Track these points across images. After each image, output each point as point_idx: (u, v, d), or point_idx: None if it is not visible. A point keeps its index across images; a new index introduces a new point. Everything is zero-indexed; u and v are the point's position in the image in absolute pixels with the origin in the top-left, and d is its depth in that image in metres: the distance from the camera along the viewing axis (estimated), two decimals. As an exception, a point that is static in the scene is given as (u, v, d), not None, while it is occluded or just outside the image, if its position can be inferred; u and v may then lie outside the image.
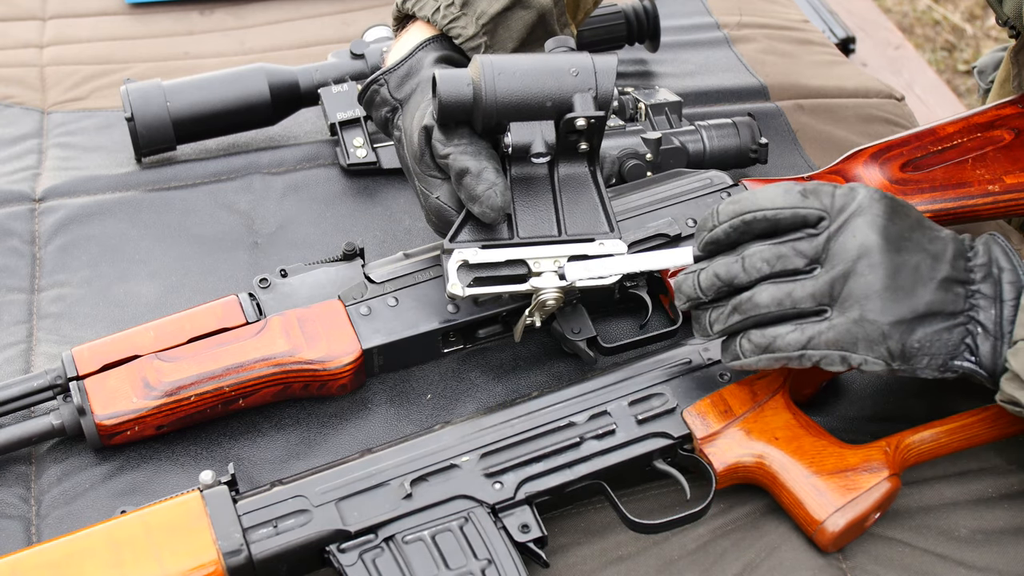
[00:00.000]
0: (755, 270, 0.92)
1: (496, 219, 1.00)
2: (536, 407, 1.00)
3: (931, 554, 0.98)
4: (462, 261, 1.02)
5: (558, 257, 1.02)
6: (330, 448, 1.07)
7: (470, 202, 1.00)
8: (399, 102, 1.09)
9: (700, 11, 1.67)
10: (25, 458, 1.06)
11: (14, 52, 1.58)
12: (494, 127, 1.01)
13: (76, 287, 1.22)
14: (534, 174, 1.04)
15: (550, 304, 1.03)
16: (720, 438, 1.00)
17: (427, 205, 1.06)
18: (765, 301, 0.91)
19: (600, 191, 1.05)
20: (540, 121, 1.00)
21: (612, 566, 0.97)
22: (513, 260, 1.03)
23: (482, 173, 0.99)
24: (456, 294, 1.02)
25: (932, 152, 1.19)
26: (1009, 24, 1.25)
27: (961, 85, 3.00)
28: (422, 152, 1.04)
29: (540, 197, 1.04)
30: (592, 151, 1.04)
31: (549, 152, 1.00)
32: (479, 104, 0.99)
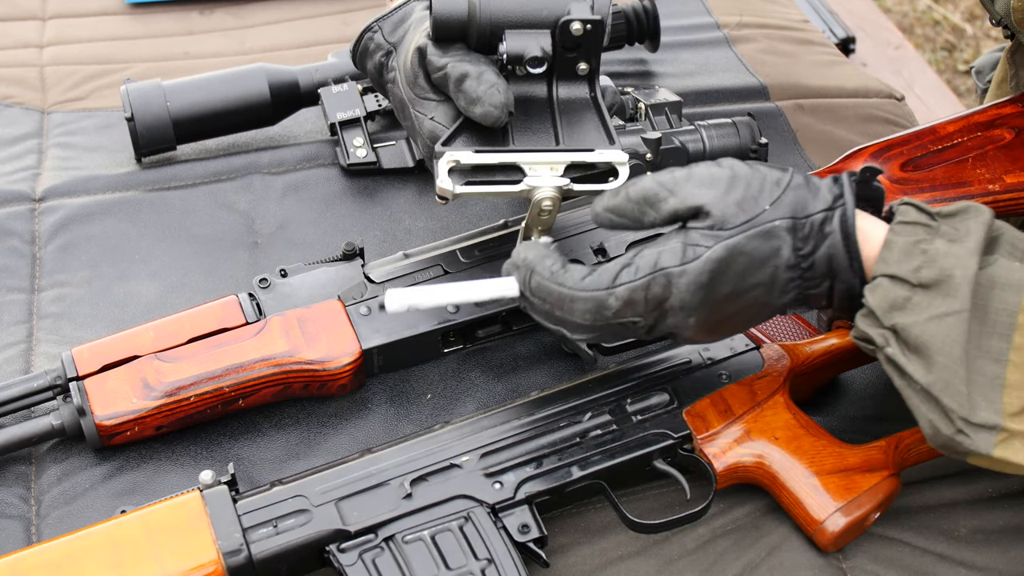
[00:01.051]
0: (579, 340, 0.94)
1: (499, 118, 0.98)
2: (536, 407, 1.00)
3: (931, 554, 0.98)
4: (454, 162, 0.98)
5: (555, 163, 0.99)
6: (330, 448, 1.07)
7: (471, 105, 0.98)
8: (393, 45, 1.09)
9: (700, 11, 1.67)
10: (25, 458, 1.06)
11: (14, 52, 1.58)
12: (489, 40, 0.99)
13: (76, 287, 1.22)
14: (533, 94, 1.02)
15: (546, 207, 1.00)
16: (720, 438, 1.00)
17: (422, 131, 1.03)
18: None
19: (601, 114, 1.03)
20: (536, 30, 0.98)
21: (612, 566, 0.97)
22: (508, 165, 1.00)
23: (482, 75, 0.98)
24: (446, 188, 0.98)
25: (932, 151, 1.19)
26: (1003, 24, 1.25)
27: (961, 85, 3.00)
28: (415, 74, 1.03)
29: (538, 117, 1.02)
30: (592, 73, 1.02)
31: (545, 59, 0.98)
32: (473, 17, 0.98)
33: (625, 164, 0.99)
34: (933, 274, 0.83)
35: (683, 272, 0.87)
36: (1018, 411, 0.82)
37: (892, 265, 0.85)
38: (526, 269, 0.92)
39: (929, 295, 0.83)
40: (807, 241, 0.87)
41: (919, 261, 0.84)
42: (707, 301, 0.88)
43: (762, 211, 0.87)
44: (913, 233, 0.86)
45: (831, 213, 0.88)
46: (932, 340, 0.82)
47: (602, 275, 0.89)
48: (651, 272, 0.87)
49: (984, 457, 0.83)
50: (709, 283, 0.87)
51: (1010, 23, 1.22)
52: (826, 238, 0.87)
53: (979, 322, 0.83)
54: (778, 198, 0.88)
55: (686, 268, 0.87)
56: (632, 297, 0.88)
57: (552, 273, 0.90)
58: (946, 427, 0.83)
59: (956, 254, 0.84)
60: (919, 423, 0.86)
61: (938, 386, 0.82)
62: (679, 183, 0.89)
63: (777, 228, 0.87)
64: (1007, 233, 0.87)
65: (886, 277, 0.85)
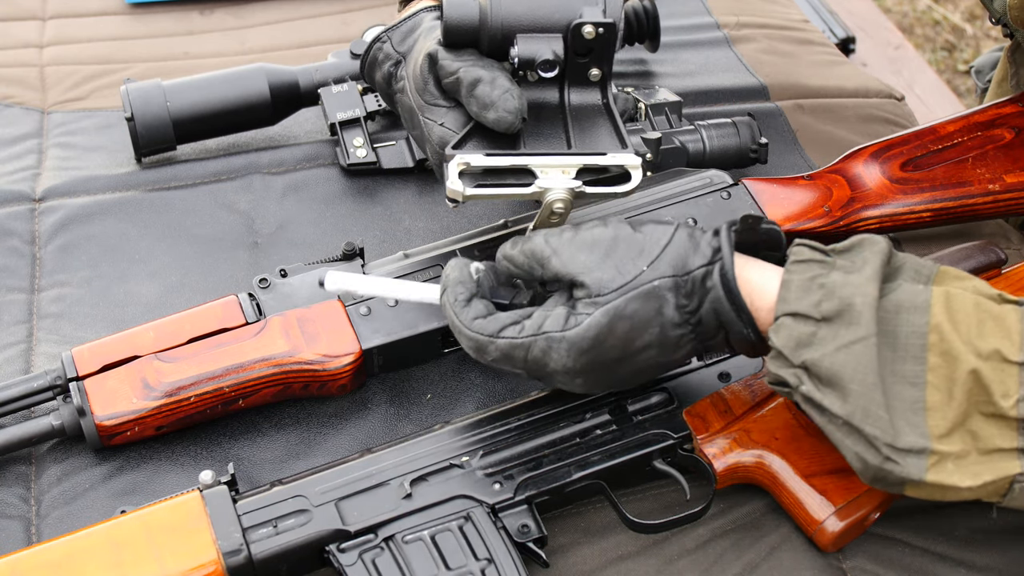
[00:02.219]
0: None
1: (513, 123, 0.97)
2: (536, 407, 1.00)
3: (931, 554, 0.98)
4: (464, 164, 0.98)
5: (566, 167, 0.98)
6: (330, 448, 1.07)
7: (484, 110, 0.97)
8: (402, 55, 1.09)
9: (700, 11, 1.66)
10: (25, 458, 1.06)
11: (14, 52, 1.58)
12: (500, 45, 0.99)
13: (76, 287, 1.22)
14: (544, 99, 1.02)
15: (559, 209, 0.99)
16: (720, 438, 1.00)
17: (431, 137, 1.03)
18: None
19: (614, 118, 1.02)
20: (548, 35, 0.98)
21: (612, 566, 0.97)
22: (519, 168, 0.99)
23: (496, 80, 0.98)
24: (456, 190, 0.97)
25: (932, 151, 1.19)
26: (1002, 22, 1.25)
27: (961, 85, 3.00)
28: (425, 80, 1.03)
29: (549, 122, 1.02)
30: (604, 78, 1.01)
31: (557, 62, 0.98)
32: (485, 22, 0.98)
33: (638, 167, 0.99)
34: (834, 306, 0.83)
35: (563, 339, 0.89)
36: (945, 432, 0.81)
37: (792, 303, 0.84)
38: (442, 286, 0.95)
39: (833, 327, 0.82)
40: (691, 298, 0.88)
41: (818, 296, 0.84)
42: (592, 366, 0.90)
43: (640, 272, 0.88)
44: (808, 270, 0.85)
45: (711, 267, 0.88)
46: (843, 370, 0.81)
47: (491, 323, 0.92)
48: (533, 335, 0.90)
49: (919, 485, 0.82)
50: (591, 349, 0.88)
51: (1008, 21, 1.22)
52: (708, 292, 0.88)
53: (890, 348, 0.82)
54: (657, 256, 0.89)
55: (566, 335, 0.89)
56: (511, 352, 0.91)
57: (455, 300, 0.94)
58: (873, 457, 0.82)
59: (854, 283, 0.83)
60: (848, 461, 0.84)
61: (857, 415, 0.81)
62: (563, 245, 0.92)
63: (658, 288, 0.88)
64: (909, 261, 0.86)
65: (788, 316, 0.84)
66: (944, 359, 0.81)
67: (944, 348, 0.81)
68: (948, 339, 0.81)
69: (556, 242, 0.92)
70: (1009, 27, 1.27)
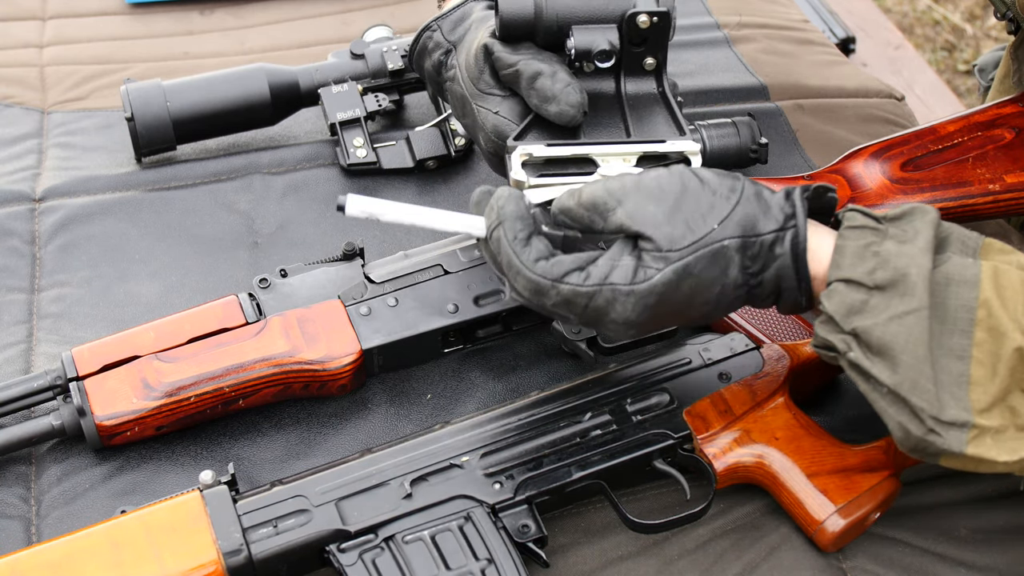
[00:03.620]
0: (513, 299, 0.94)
1: (575, 117, 0.97)
2: (536, 407, 1.00)
3: (931, 554, 0.98)
4: (527, 155, 0.98)
5: (627, 155, 0.98)
6: (330, 448, 1.07)
7: (546, 103, 0.97)
8: (452, 44, 1.08)
9: (700, 11, 1.66)
10: (25, 458, 1.06)
11: (14, 52, 1.58)
12: (555, 37, 0.99)
13: (76, 287, 1.22)
14: (601, 90, 1.02)
15: None
16: (720, 438, 1.00)
17: (485, 126, 1.03)
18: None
19: (671, 108, 1.02)
20: (603, 25, 0.98)
21: (612, 566, 0.97)
22: (580, 158, 0.99)
23: (556, 74, 0.97)
24: (520, 180, 0.97)
25: (932, 151, 1.19)
26: (1008, 17, 1.25)
27: (961, 85, 3.00)
28: (480, 70, 1.03)
29: (606, 112, 1.02)
30: (659, 67, 1.02)
31: (613, 52, 0.98)
32: (540, 14, 0.98)
33: (697, 154, 0.99)
34: (888, 275, 0.83)
35: (631, 292, 0.87)
36: (986, 407, 0.81)
37: (846, 269, 0.84)
38: (496, 219, 0.90)
39: (886, 296, 0.83)
40: (756, 260, 0.87)
41: (872, 263, 0.84)
42: (650, 319, 0.88)
43: (710, 230, 0.87)
44: (862, 236, 0.85)
45: (782, 234, 0.87)
46: (895, 340, 0.82)
47: (555, 267, 0.88)
48: (599, 284, 0.87)
49: (957, 457, 0.82)
50: (656, 305, 0.87)
51: (1016, 14, 1.21)
52: (776, 259, 0.87)
53: (939, 320, 0.82)
54: (727, 215, 0.87)
55: (634, 288, 0.86)
56: (573, 299, 0.88)
57: (514, 238, 0.89)
58: (917, 428, 0.82)
59: (908, 253, 0.83)
60: (889, 428, 0.85)
61: (905, 386, 0.82)
62: (628, 193, 0.88)
63: (726, 248, 0.86)
64: (955, 232, 0.87)
65: (841, 282, 0.84)
66: (991, 335, 0.81)
67: (991, 324, 0.81)
68: (996, 315, 0.81)
69: (619, 191, 0.89)
70: (1016, 19, 1.27)
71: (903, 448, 0.85)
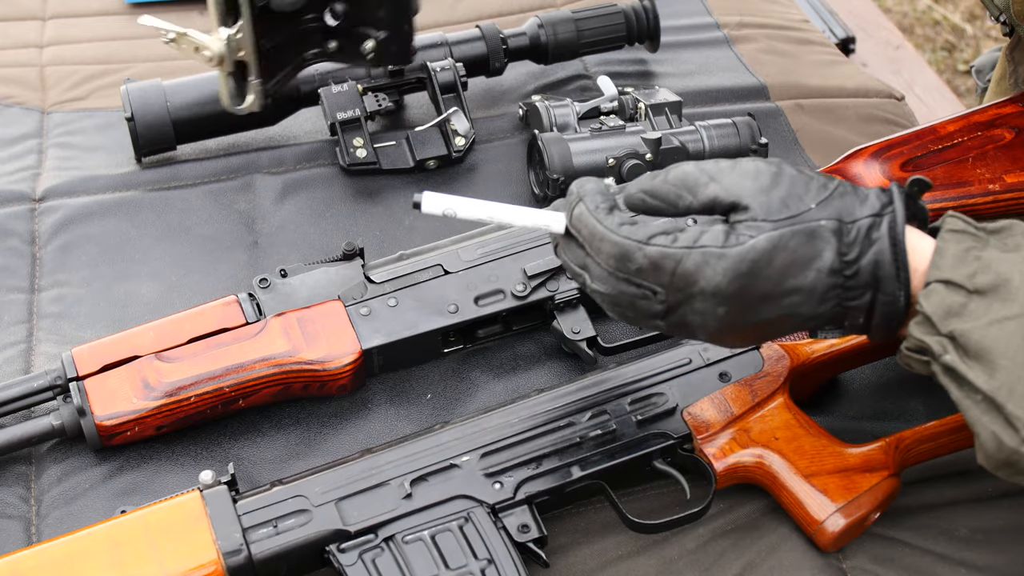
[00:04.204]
0: (598, 301, 0.89)
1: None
2: (536, 407, 1.00)
3: (931, 554, 0.98)
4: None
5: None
6: (330, 448, 1.07)
7: None
8: None
9: (700, 11, 1.66)
10: (25, 458, 1.06)
11: (14, 52, 1.58)
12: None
13: (76, 287, 1.22)
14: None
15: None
16: (720, 438, 1.00)
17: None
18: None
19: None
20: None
21: (612, 566, 0.97)
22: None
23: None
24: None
25: (932, 151, 1.19)
26: (1002, 20, 1.25)
27: (961, 85, 3.00)
28: None
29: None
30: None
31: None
32: None
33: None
34: (989, 279, 0.81)
35: (722, 255, 0.82)
36: None
37: (946, 271, 0.82)
38: (577, 196, 0.87)
39: (987, 300, 0.80)
40: (852, 247, 0.83)
41: (973, 267, 0.81)
42: (741, 295, 0.83)
43: (807, 209, 0.84)
44: (963, 241, 0.83)
45: (879, 219, 0.84)
46: (994, 345, 0.79)
47: (641, 229, 0.84)
48: (688, 247, 0.83)
49: None
50: (748, 273, 0.82)
51: (1010, 17, 1.21)
52: (873, 244, 0.84)
53: None
54: (825, 198, 0.84)
55: (726, 251, 0.82)
56: (661, 262, 0.83)
57: (596, 207, 0.86)
58: (1010, 438, 0.79)
59: (1011, 260, 0.81)
60: (979, 440, 0.81)
61: (1003, 393, 0.79)
62: (723, 171, 0.85)
63: (822, 228, 0.83)
64: None
65: (940, 283, 0.82)
66: None
67: None
68: None
69: (713, 169, 0.86)
70: (1010, 23, 1.27)
71: (990, 464, 0.82)
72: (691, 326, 0.86)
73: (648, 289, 0.85)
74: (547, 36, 1.42)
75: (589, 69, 1.50)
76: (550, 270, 1.11)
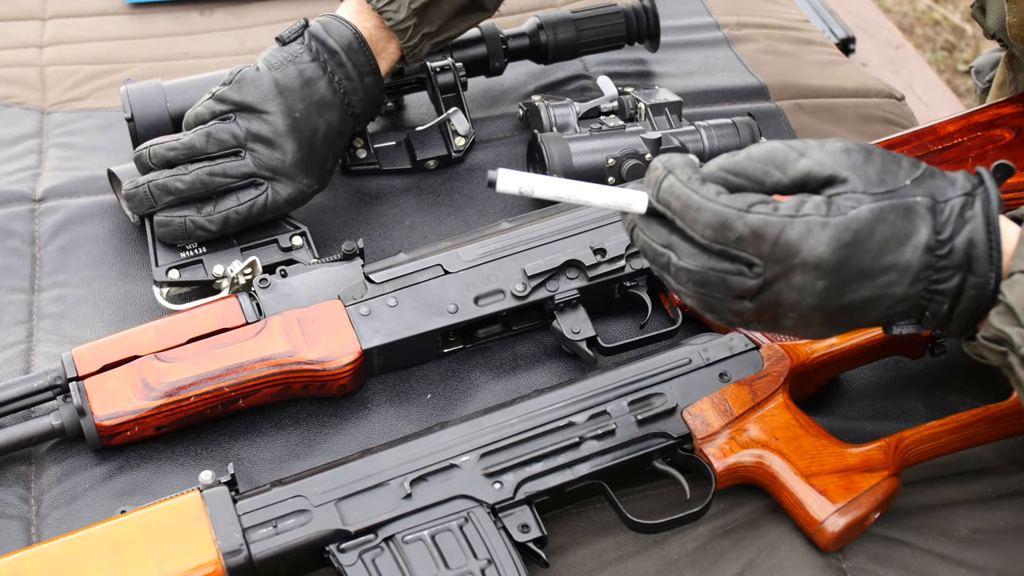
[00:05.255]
0: (681, 284, 0.85)
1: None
2: (536, 407, 1.00)
3: (931, 554, 0.98)
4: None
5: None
6: (330, 448, 1.07)
7: None
8: None
9: (700, 11, 1.66)
10: (25, 458, 1.06)
11: (14, 52, 1.58)
12: None
13: (76, 287, 1.22)
14: None
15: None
16: (720, 438, 1.00)
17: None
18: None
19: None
20: None
21: (612, 566, 0.97)
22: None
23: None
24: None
25: (932, 151, 1.19)
26: (997, 37, 1.24)
27: (961, 85, 3.00)
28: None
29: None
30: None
31: None
32: None
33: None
34: None
35: (826, 223, 0.79)
36: None
37: None
38: (664, 170, 0.83)
39: None
40: (946, 225, 0.81)
41: None
42: (841, 268, 0.80)
43: (903, 185, 0.82)
44: None
45: (971, 198, 0.82)
46: None
47: (739, 198, 0.81)
48: (791, 215, 0.79)
49: None
50: (851, 244, 0.79)
51: (1005, 38, 1.21)
52: (966, 223, 0.81)
53: None
54: (918, 176, 0.82)
55: (830, 220, 0.79)
56: (763, 230, 0.80)
57: (689, 178, 0.82)
58: None
59: None
60: None
61: None
62: (811, 147, 0.83)
63: (918, 205, 0.80)
64: None
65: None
66: None
67: None
68: None
69: (801, 145, 0.83)
70: (1005, 43, 1.27)
71: None
72: (783, 305, 0.82)
73: (744, 262, 0.81)
74: (547, 36, 1.42)
75: (589, 69, 1.50)
76: (550, 270, 1.11)
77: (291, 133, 1.16)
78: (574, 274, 1.12)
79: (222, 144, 1.16)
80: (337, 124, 1.19)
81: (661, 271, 0.86)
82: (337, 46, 1.18)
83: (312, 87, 1.17)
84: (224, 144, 1.16)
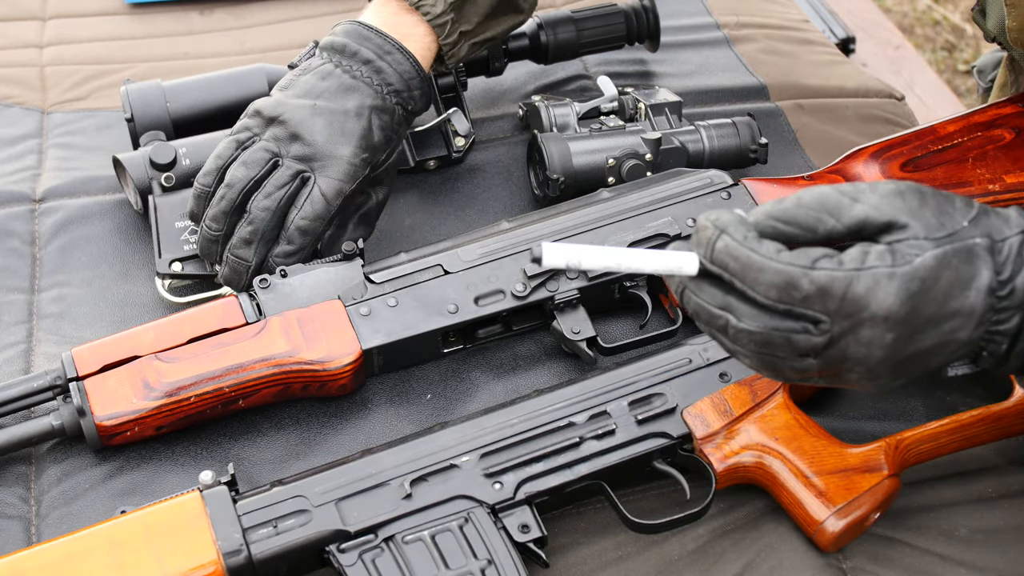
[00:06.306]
0: (740, 346, 0.82)
1: None
2: (536, 407, 1.00)
3: (931, 554, 0.98)
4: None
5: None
6: (330, 448, 1.07)
7: None
8: None
9: (700, 11, 1.66)
10: (25, 458, 1.06)
11: (14, 52, 1.58)
12: None
13: (76, 287, 1.22)
14: None
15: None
16: (720, 438, 1.00)
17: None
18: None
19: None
20: None
21: (612, 566, 0.97)
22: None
23: None
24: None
25: (932, 151, 1.19)
26: (997, 41, 1.24)
27: (961, 85, 3.00)
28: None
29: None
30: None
31: None
32: None
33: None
34: None
35: (893, 274, 0.77)
36: None
37: None
38: (715, 230, 0.80)
39: None
40: (1005, 266, 0.80)
41: None
42: (909, 319, 0.78)
43: (961, 227, 0.80)
44: None
45: None
46: None
47: (801, 255, 0.78)
48: (857, 268, 0.77)
49: None
50: (919, 293, 0.78)
51: (1005, 42, 1.21)
52: None
53: None
54: (973, 217, 0.81)
55: (896, 271, 0.77)
56: (830, 287, 0.77)
57: (745, 238, 0.79)
58: None
59: None
60: None
61: None
62: (864, 192, 0.81)
63: (978, 247, 0.79)
64: None
65: None
66: None
67: None
68: None
69: (851, 191, 0.81)
70: (1004, 47, 1.27)
71: None
72: (851, 360, 0.80)
73: (810, 320, 0.79)
74: (547, 36, 1.42)
75: (589, 69, 1.50)
76: (550, 270, 1.11)
77: (315, 116, 1.13)
78: (574, 274, 1.12)
79: (259, 162, 1.12)
80: (371, 101, 1.16)
81: (717, 333, 0.83)
82: (343, 42, 1.18)
83: (327, 80, 1.16)
84: (260, 161, 1.12)
